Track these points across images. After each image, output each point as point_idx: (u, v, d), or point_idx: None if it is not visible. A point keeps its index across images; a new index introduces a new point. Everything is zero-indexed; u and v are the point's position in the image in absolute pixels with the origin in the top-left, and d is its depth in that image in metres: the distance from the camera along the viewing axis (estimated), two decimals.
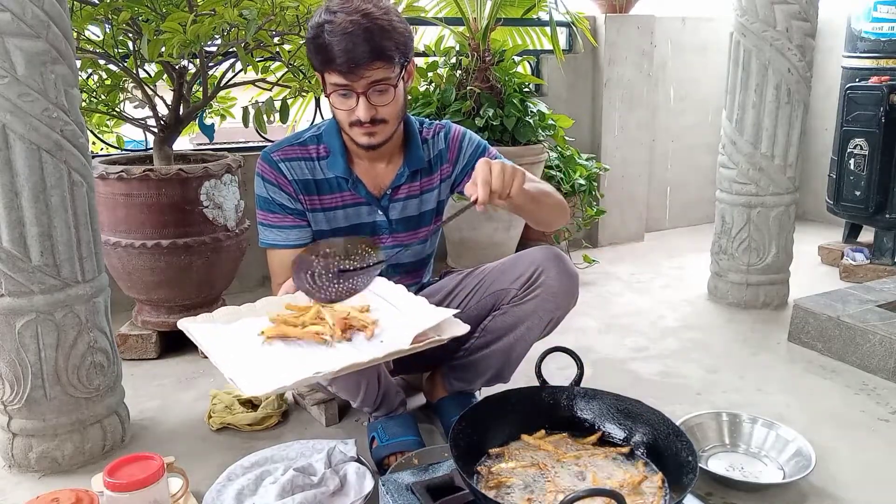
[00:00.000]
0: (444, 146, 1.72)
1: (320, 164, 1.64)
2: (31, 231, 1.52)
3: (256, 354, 1.32)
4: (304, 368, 1.24)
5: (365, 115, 1.50)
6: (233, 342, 1.36)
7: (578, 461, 1.26)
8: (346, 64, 1.44)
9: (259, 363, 1.28)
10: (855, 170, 2.96)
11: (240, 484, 1.50)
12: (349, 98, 1.50)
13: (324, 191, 1.65)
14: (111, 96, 2.30)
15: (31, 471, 1.65)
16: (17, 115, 1.45)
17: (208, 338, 1.37)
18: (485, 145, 1.73)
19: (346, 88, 1.48)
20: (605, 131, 3.59)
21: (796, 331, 2.34)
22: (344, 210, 1.66)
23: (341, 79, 1.46)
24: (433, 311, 1.41)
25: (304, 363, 1.26)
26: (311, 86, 2.32)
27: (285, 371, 1.23)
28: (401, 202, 1.69)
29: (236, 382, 1.20)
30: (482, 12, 2.90)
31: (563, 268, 1.61)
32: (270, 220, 1.64)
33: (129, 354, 2.26)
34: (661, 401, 1.41)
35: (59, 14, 1.50)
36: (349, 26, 1.42)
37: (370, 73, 1.46)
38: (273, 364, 1.28)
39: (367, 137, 1.55)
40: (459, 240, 2.98)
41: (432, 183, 1.72)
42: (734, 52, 2.56)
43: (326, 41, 1.44)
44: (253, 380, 1.20)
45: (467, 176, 1.70)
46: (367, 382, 1.59)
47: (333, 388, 1.62)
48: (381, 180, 1.68)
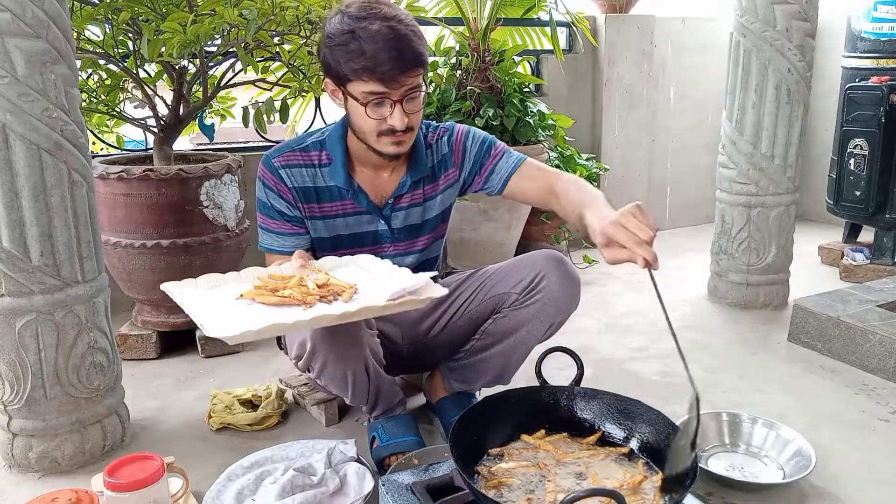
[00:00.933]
0: (448, 150, 1.68)
1: (321, 171, 1.62)
2: (31, 231, 1.51)
3: (231, 308, 1.32)
4: (275, 317, 1.24)
5: (401, 124, 1.46)
6: (212, 299, 1.36)
7: (578, 461, 1.26)
8: (391, 71, 1.40)
9: (231, 313, 1.28)
10: (855, 170, 2.96)
11: (240, 484, 1.50)
12: (382, 106, 1.46)
13: (324, 199, 1.62)
14: (111, 96, 2.29)
15: (31, 471, 1.65)
16: (17, 115, 1.45)
17: (188, 292, 1.38)
18: (490, 140, 1.69)
19: (382, 96, 1.44)
20: (605, 131, 3.59)
21: (796, 331, 2.34)
22: (344, 219, 1.64)
23: (379, 86, 1.42)
24: (412, 276, 1.40)
25: (277, 315, 1.26)
26: (311, 86, 2.32)
27: (256, 319, 1.22)
28: (403, 211, 1.67)
29: (204, 326, 1.21)
30: (482, 12, 2.90)
31: (564, 272, 1.60)
32: (269, 226, 1.63)
33: (129, 354, 2.26)
34: (661, 401, 1.40)
35: (59, 14, 1.50)
36: (389, 32, 1.39)
37: (410, 80, 1.44)
38: (245, 313, 1.28)
39: (396, 146, 1.52)
40: (459, 240, 2.98)
41: (436, 190, 1.69)
42: (734, 52, 2.56)
43: (365, 48, 1.39)
44: (221, 323, 1.21)
45: (477, 177, 1.68)
46: (353, 373, 1.55)
47: (322, 380, 1.59)
48: (383, 189, 1.65)
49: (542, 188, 1.61)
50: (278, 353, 2.15)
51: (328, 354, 1.50)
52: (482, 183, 1.69)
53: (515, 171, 1.64)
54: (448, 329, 1.74)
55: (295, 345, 1.56)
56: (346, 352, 1.51)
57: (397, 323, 1.75)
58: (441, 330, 1.75)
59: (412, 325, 1.76)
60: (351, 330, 1.46)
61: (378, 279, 1.46)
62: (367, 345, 1.53)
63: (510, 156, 1.66)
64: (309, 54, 2.23)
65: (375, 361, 1.59)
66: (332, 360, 1.51)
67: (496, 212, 2.86)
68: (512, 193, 1.66)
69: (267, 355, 2.30)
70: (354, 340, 1.50)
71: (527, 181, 1.63)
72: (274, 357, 2.27)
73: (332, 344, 1.49)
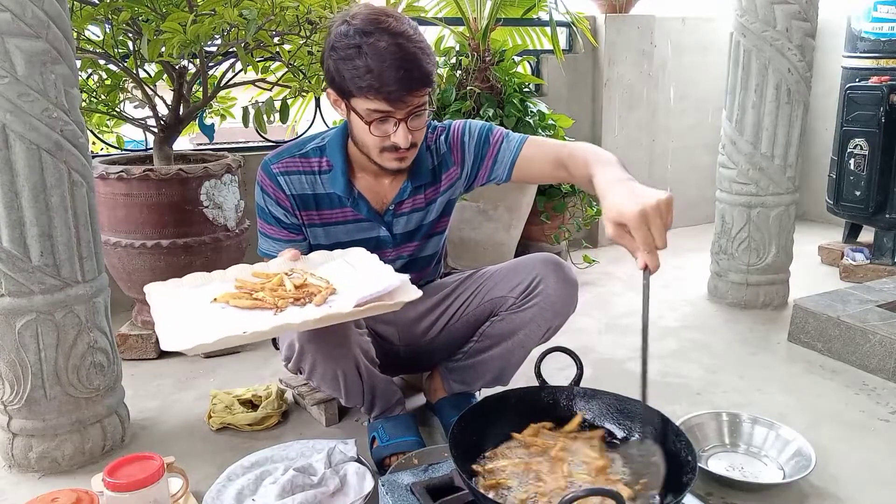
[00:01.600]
0: (447, 148, 1.65)
1: (321, 178, 1.59)
2: (31, 231, 1.51)
3: (199, 314, 1.31)
4: (234, 328, 1.22)
5: (405, 142, 1.44)
6: (185, 304, 1.36)
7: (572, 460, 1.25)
8: (398, 91, 1.37)
9: (194, 322, 1.27)
10: (855, 170, 2.96)
11: (240, 484, 1.50)
12: (386, 124, 1.43)
13: (323, 206, 1.61)
14: (111, 96, 2.30)
15: (31, 471, 1.65)
16: (17, 115, 1.45)
17: (164, 297, 1.38)
18: (487, 129, 1.63)
19: (386, 115, 1.41)
20: (605, 131, 3.59)
21: (796, 331, 2.34)
22: (345, 226, 1.63)
23: (385, 105, 1.39)
24: (388, 278, 1.37)
25: (239, 324, 1.25)
26: (311, 86, 2.32)
27: (214, 330, 1.21)
28: (405, 216, 1.65)
29: (160, 336, 1.21)
30: (482, 12, 2.90)
31: (562, 276, 1.60)
32: (267, 231, 1.63)
33: (129, 354, 2.26)
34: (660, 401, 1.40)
35: (59, 14, 1.50)
36: (397, 51, 1.36)
37: (416, 100, 1.41)
38: (207, 323, 1.26)
39: (399, 162, 1.50)
40: (459, 240, 2.98)
41: (438, 192, 1.67)
42: (734, 52, 2.55)
43: (372, 66, 1.36)
44: (175, 335, 1.21)
45: (481, 170, 1.64)
46: (343, 372, 1.55)
47: (314, 381, 1.59)
48: (384, 195, 1.64)
49: (549, 163, 1.53)
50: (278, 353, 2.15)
51: (316, 355, 1.50)
52: (488, 174, 1.64)
53: (519, 155, 1.57)
54: (446, 331, 1.74)
55: (284, 346, 1.56)
56: (333, 351, 1.50)
57: (393, 323, 1.74)
58: (439, 332, 1.75)
59: (408, 326, 1.75)
60: (338, 329, 1.44)
61: (360, 278, 1.44)
62: (355, 344, 1.52)
63: (510, 140, 1.60)
64: (309, 54, 2.23)
65: (367, 360, 1.58)
66: (320, 361, 1.51)
67: (496, 212, 2.86)
68: (520, 176, 1.60)
69: (267, 355, 2.30)
70: (342, 340, 1.49)
71: (532, 161, 1.56)
72: (274, 357, 2.27)
73: (319, 344, 1.48)
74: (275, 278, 1.41)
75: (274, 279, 1.40)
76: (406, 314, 1.69)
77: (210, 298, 1.37)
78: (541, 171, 1.57)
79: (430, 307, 1.73)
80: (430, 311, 1.74)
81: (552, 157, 1.52)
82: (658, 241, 1.12)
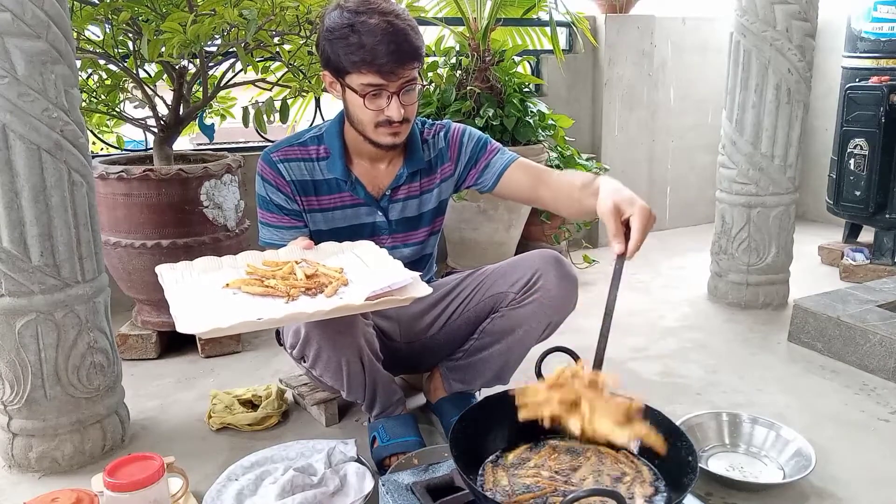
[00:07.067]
0: (445, 145, 1.72)
1: (319, 164, 1.65)
2: (31, 231, 1.52)
3: (212, 299, 1.32)
4: (248, 314, 1.24)
5: (398, 115, 1.51)
6: (198, 287, 1.37)
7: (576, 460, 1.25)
8: (389, 64, 1.45)
9: (208, 306, 1.28)
10: (855, 170, 2.96)
11: (240, 484, 1.50)
12: (380, 98, 1.50)
13: (322, 192, 1.65)
14: (111, 96, 2.30)
15: (31, 471, 1.65)
16: (17, 115, 1.45)
17: (176, 280, 1.39)
18: (485, 139, 1.73)
19: (379, 88, 1.49)
20: (605, 131, 3.59)
21: (796, 331, 2.34)
22: (342, 211, 1.67)
23: (378, 79, 1.47)
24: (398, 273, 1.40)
25: (252, 310, 1.26)
26: (311, 86, 2.32)
27: (229, 315, 1.22)
28: (400, 202, 1.69)
29: (176, 319, 1.21)
30: (482, 12, 2.90)
31: (562, 272, 1.61)
32: (268, 220, 1.65)
33: (129, 354, 2.27)
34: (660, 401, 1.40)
35: (59, 14, 1.50)
36: (388, 27, 1.44)
37: (407, 73, 1.49)
38: (220, 308, 1.27)
39: (393, 137, 1.56)
40: (459, 240, 2.98)
41: (433, 183, 1.72)
42: (734, 52, 2.56)
43: (364, 42, 1.44)
44: (191, 318, 1.21)
45: (472, 171, 1.71)
46: (347, 361, 1.56)
47: (317, 370, 1.60)
48: (380, 181, 1.68)
49: (532, 180, 1.65)
50: (278, 353, 2.15)
51: (322, 342, 1.52)
52: (476, 177, 1.72)
53: (508, 168, 1.68)
54: (446, 328, 1.75)
55: (290, 333, 1.58)
56: (339, 339, 1.52)
57: (395, 319, 1.76)
58: (440, 329, 1.76)
59: (410, 322, 1.77)
60: (345, 318, 1.46)
61: (370, 271, 1.45)
62: (361, 333, 1.54)
63: (504, 154, 1.71)
64: (309, 54, 2.23)
65: (370, 352, 1.59)
66: (325, 348, 1.53)
67: (496, 212, 2.86)
68: (504, 188, 1.69)
69: (267, 355, 2.30)
70: (348, 328, 1.51)
71: (518, 176, 1.67)
72: (274, 357, 2.27)
73: (325, 331, 1.50)
74: (285, 266, 1.42)
75: (284, 267, 1.41)
76: (408, 310, 1.70)
77: (222, 283, 1.38)
78: (522, 189, 1.68)
79: (431, 304, 1.74)
80: (432, 307, 1.75)
81: (536, 176, 1.66)
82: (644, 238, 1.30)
